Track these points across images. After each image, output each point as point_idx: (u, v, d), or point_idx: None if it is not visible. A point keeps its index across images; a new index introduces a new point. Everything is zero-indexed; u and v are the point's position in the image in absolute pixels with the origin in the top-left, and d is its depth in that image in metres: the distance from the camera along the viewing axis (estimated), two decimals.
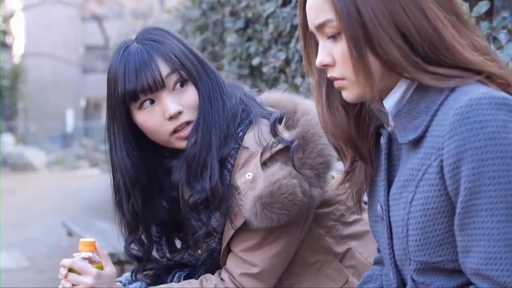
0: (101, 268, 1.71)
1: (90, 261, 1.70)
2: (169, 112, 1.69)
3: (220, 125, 1.71)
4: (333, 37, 1.26)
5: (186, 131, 1.71)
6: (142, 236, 1.84)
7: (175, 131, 1.71)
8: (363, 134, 1.37)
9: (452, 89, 1.20)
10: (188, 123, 1.71)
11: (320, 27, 1.27)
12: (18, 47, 30.50)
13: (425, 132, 1.21)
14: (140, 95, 1.69)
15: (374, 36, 1.20)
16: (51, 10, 26.79)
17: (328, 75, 1.30)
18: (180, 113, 1.70)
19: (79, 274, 1.67)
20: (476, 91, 1.16)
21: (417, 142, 1.23)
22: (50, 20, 27.93)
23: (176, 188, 1.74)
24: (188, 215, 1.73)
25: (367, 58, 1.22)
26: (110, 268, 1.72)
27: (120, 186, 1.78)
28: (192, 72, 1.73)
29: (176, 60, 1.71)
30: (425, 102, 1.22)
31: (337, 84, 1.29)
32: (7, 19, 27.05)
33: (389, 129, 1.33)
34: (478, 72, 1.21)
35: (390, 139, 1.33)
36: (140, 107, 1.71)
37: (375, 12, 1.20)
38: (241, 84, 1.86)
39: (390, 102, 1.28)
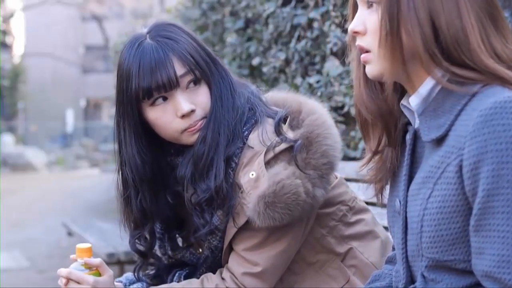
0: (98, 274, 1.72)
1: (88, 266, 1.72)
2: (182, 111, 1.70)
3: (229, 124, 1.72)
4: (371, 5, 1.28)
5: (197, 127, 1.72)
6: (146, 232, 1.85)
7: (186, 128, 1.72)
8: (394, 117, 1.37)
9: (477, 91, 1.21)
10: (199, 121, 1.72)
11: None
12: (18, 47, 30.51)
13: (448, 131, 1.23)
14: (154, 93, 1.70)
15: (405, 15, 1.23)
16: (51, 10, 26.76)
17: (357, 43, 1.32)
18: (192, 111, 1.71)
19: (77, 283, 1.69)
20: (501, 94, 1.17)
21: (439, 141, 1.25)
22: (50, 20, 27.92)
23: (181, 183, 1.75)
24: (191, 212, 1.73)
25: (397, 35, 1.24)
26: (107, 275, 1.74)
27: (129, 182, 1.78)
28: (205, 71, 1.73)
29: (191, 59, 1.71)
30: (450, 102, 1.24)
31: (363, 58, 1.32)
32: (7, 19, 27.05)
33: (416, 126, 1.34)
34: (494, 78, 1.21)
35: (416, 137, 1.35)
36: (153, 104, 1.72)
37: None
38: (247, 82, 1.86)
39: (415, 100, 1.30)
